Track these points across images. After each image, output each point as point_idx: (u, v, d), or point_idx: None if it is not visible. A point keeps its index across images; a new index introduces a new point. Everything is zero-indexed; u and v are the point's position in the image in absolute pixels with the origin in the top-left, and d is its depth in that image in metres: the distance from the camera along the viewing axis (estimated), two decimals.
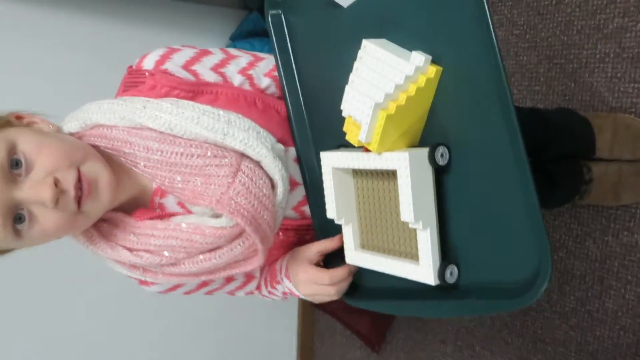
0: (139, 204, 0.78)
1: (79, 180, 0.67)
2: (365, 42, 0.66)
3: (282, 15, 0.82)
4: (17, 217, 0.65)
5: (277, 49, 0.82)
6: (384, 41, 0.67)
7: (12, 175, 0.64)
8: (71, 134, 0.75)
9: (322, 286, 0.80)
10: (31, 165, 0.65)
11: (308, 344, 2.44)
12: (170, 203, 0.79)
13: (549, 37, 1.47)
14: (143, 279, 0.79)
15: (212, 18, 1.96)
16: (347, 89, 0.66)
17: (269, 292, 0.91)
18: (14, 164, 0.64)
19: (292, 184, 0.82)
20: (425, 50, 0.64)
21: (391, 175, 0.68)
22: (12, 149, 0.64)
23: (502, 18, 1.56)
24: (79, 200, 0.67)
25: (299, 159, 0.84)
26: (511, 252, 0.63)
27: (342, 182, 0.73)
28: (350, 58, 0.68)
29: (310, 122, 0.82)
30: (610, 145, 1.26)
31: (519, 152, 0.59)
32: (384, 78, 0.63)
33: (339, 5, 0.72)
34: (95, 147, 0.73)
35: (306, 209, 0.86)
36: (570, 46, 1.43)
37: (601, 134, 1.26)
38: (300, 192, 0.85)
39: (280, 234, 0.85)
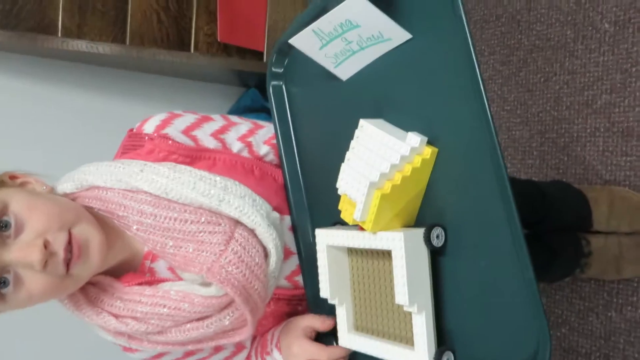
0: (128, 268, 0.76)
1: (69, 242, 0.66)
2: (362, 122, 0.67)
3: (284, 86, 0.83)
4: (2, 281, 0.63)
5: (277, 119, 0.83)
6: (381, 121, 0.68)
7: (1, 237, 0.63)
8: (65, 195, 0.74)
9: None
10: (21, 226, 0.64)
11: None
12: (161, 268, 0.77)
13: (539, 113, 1.51)
14: (127, 345, 0.76)
15: (210, 94, 2.01)
16: (343, 166, 0.66)
17: None
18: (3, 225, 0.64)
19: (287, 253, 0.81)
20: (421, 130, 0.64)
21: (386, 255, 0.67)
22: (3, 210, 0.64)
23: (493, 95, 1.61)
24: (67, 263, 0.66)
25: (294, 229, 0.83)
26: (509, 333, 0.61)
27: (337, 260, 0.72)
28: (349, 130, 0.68)
29: (306, 191, 0.82)
30: (607, 217, 1.26)
31: (515, 230, 0.58)
32: (379, 157, 0.63)
33: (338, 79, 0.73)
34: (89, 209, 0.73)
35: (299, 279, 0.84)
36: (560, 121, 1.46)
37: (597, 206, 1.27)
38: (294, 262, 0.83)
39: (272, 303, 0.82)
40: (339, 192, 0.66)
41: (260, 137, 0.84)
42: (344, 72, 0.72)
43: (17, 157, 0.88)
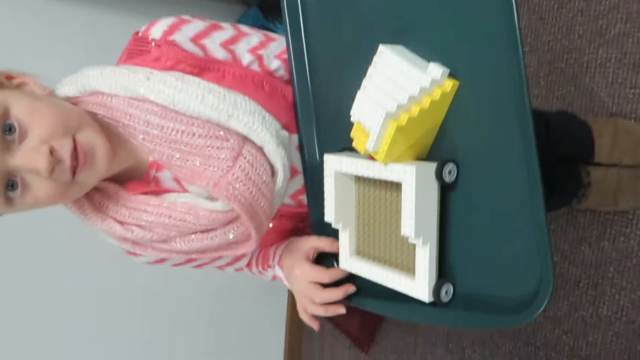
0: (133, 176, 0.75)
1: (75, 149, 0.64)
2: (381, 48, 0.64)
3: None
4: (9, 184, 0.63)
5: (289, 35, 0.79)
6: (400, 48, 0.65)
7: (5, 141, 0.61)
8: (67, 98, 0.72)
9: (316, 287, 0.78)
10: (25, 131, 0.62)
11: (296, 344, 2.42)
12: (165, 178, 0.76)
13: (550, 41, 1.47)
14: (133, 250, 0.77)
15: (209, 13, 1.93)
16: (359, 94, 0.64)
17: (259, 272, 0.90)
18: (7, 129, 0.62)
19: (293, 172, 0.80)
20: (443, 61, 0.61)
21: (395, 186, 0.66)
22: (4, 114, 0.62)
23: None
24: (73, 170, 0.65)
25: (301, 149, 0.82)
26: (512, 270, 0.62)
27: (344, 187, 0.71)
28: (365, 55, 0.65)
29: (316, 112, 0.80)
30: (609, 150, 1.26)
31: (533, 170, 0.57)
32: (397, 87, 0.61)
33: None
34: (92, 115, 0.71)
35: (304, 197, 0.84)
36: (571, 50, 1.43)
37: (600, 138, 1.26)
38: (299, 181, 0.83)
39: (276, 220, 0.83)
40: (352, 119, 0.65)
41: (271, 51, 0.80)
42: None
43: (11, 58, 0.84)
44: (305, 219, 0.85)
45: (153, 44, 0.73)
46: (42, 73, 0.73)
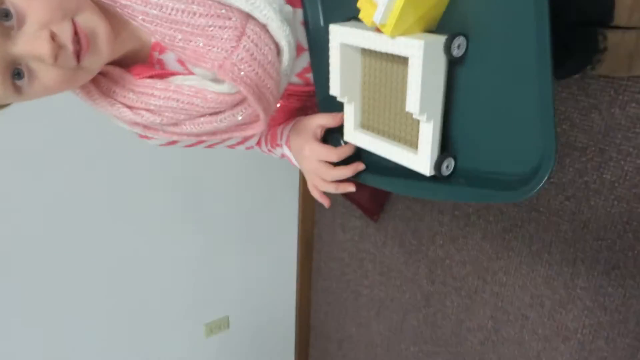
0: (136, 59, 0.74)
1: (76, 33, 0.62)
2: None
3: None
4: (16, 73, 0.62)
5: None
6: None
7: (4, 28, 0.60)
8: None
9: (326, 166, 0.80)
10: (22, 17, 0.60)
11: (309, 213, 2.53)
12: (169, 59, 0.75)
13: None
14: (144, 134, 0.79)
15: None
16: None
17: (268, 150, 0.92)
18: (3, 14, 0.59)
19: (299, 49, 0.78)
20: None
21: (402, 60, 0.65)
22: None
23: None
24: (77, 55, 0.63)
25: (305, 23, 0.79)
26: (514, 145, 0.62)
27: (349, 59, 0.70)
28: None
29: None
30: (630, 11, 1.19)
31: (544, 44, 0.55)
32: None
33: None
34: None
35: (310, 76, 0.83)
36: None
37: None
38: (305, 59, 0.81)
39: (283, 99, 0.83)
40: None
41: None
42: None
43: None
44: (312, 97, 0.85)
45: None
46: None
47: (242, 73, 0.68)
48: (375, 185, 0.79)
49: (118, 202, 1.92)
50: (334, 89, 0.72)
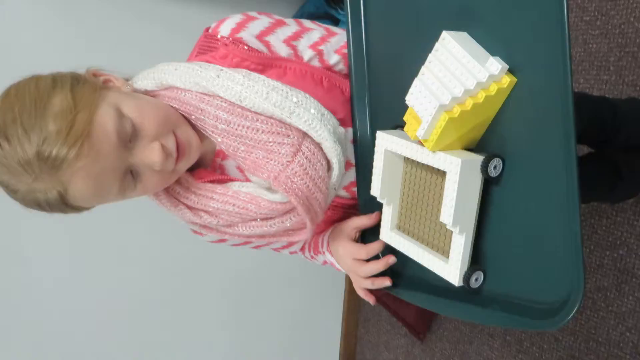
0: (200, 163, 0.82)
1: (176, 143, 0.73)
2: (445, 34, 0.64)
3: None
4: (127, 177, 0.70)
5: (350, 22, 0.81)
6: (464, 36, 0.65)
7: (124, 141, 0.68)
8: (146, 92, 0.78)
9: (359, 262, 0.82)
10: (137, 130, 0.69)
11: (352, 329, 2.45)
12: (230, 166, 0.82)
13: (621, 24, 1.40)
14: (200, 232, 0.85)
15: None
16: (416, 81, 0.65)
17: (311, 257, 0.95)
18: (124, 128, 0.68)
19: (347, 165, 0.83)
20: (504, 55, 0.61)
21: (441, 172, 0.68)
22: (120, 114, 0.68)
23: (571, 3, 1.50)
24: (175, 161, 0.73)
25: (354, 141, 0.84)
26: (543, 273, 0.62)
27: (392, 164, 0.73)
28: (424, 43, 0.66)
29: (370, 102, 0.82)
30: None
31: (572, 181, 0.58)
32: (454, 79, 0.61)
33: None
34: (175, 110, 0.77)
35: (356, 189, 0.87)
36: None
37: None
38: (353, 173, 0.86)
39: (329, 210, 0.86)
40: (407, 103, 0.66)
41: (331, 46, 0.84)
42: None
43: (88, 56, 0.90)
44: (357, 210, 0.88)
45: (221, 42, 0.78)
46: (120, 66, 0.79)
47: (295, 185, 0.74)
48: (405, 299, 0.81)
49: (164, 297, 1.95)
50: (375, 190, 0.75)
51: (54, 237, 1.73)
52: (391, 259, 0.79)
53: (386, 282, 0.81)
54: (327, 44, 0.83)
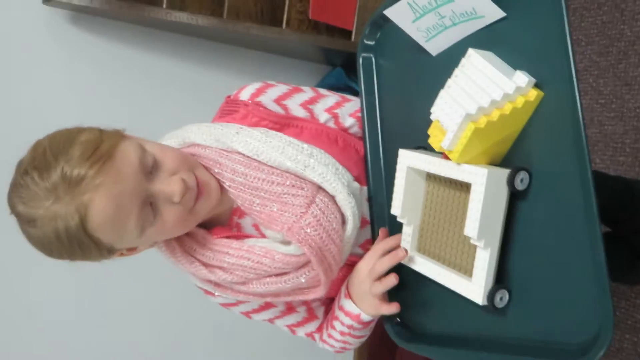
0: (218, 222, 0.83)
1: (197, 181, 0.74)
2: (471, 51, 0.65)
3: (373, 59, 0.85)
4: (147, 206, 0.70)
5: (363, 90, 0.85)
6: (490, 54, 0.66)
7: (146, 172, 0.70)
8: None
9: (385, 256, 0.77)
10: (158, 164, 0.72)
11: None
12: (246, 224, 0.83)
13: (637, 108, 1.43)
14: (213, 291, 0.83)
15: (296, 70, 2.06)
16: (442, 93, 0.66)
17: (328, 335, 0.89)
18: (146, 161, 0.71)
19: (363, 223, 0.84)
20: (531, 71, 0.62)
21: (465, 187, 0.67)
22: (143, 150, 0.71)
23: (587, 86, 1.54)
24: (195, 198, 0.74)
25: (369, 199, 0.85)
26: (570, 304, 0.60)
27: (414, 183, 0.73)
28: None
29: (385, 165, 0.84)
30: None
31: (591, 214, 0.57)
32: (481, 91, 0.62)
33: (428, 54, 0.74)
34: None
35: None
36: None
37: None
38: (368, 231, 0.86)
39: (345, 269, 0.85)
40: (432, 117, 0.66)
41: (346, 110, 0.88)
42: (435, 47, 0.73)
43: (116, 119, 0.95)
44: None
45: (242, 104, 0.82)
46: (141, 129, 0.82)
47: (308, 237, 0.74)
48: (424, 354, 0.77)
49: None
50: (396, 209, 0.74)
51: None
52: (400, 252, 0.75)
53: (392, 279, 0.76)
54: (342, 108, 0.87)
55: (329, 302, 0.91)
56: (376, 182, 0.85)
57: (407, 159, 0.72)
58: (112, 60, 1.79)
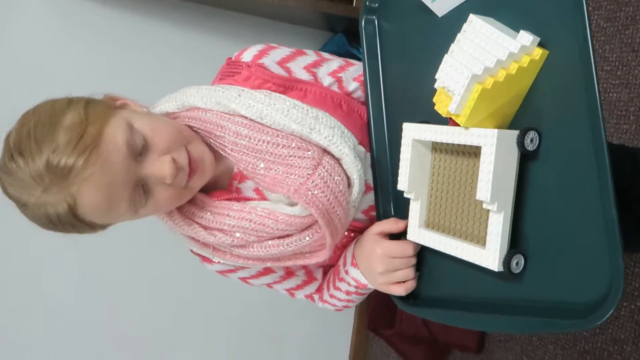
0: (217, 186, 0.81)
1: (189, 159, 0.72)
2: (472, 17, 0.64)
3: (376, 22, 0.83)
4: (139, 191, 0.70)
5: (366, 54, 0.83)
6: (491, 19, 0.65)
7: (134, 155, 0.68)
8: (167, 114, 0.80)
9: (403, 259, 0.77)
10: (148, 144, 0.70)
11: None
12: (247, 188, 0.81)
13: None
14: (211, 257, 0.82)
15: (297, 37, 2.03)
16: (446, 57, 0.64)
17: (330, 296, 0.89)
18: (135, 142, 0.69)
19: (367, 188, 0.83)
20: (534, 31, 0.61)
21: (473, 154, 0.66)
22: (131, 129, 0.69)
23: None
24: (188, 177, 0.72)
25: (372, 164, 0.84)
26: (583, 262, 0.60)
27: (420, 157, 0.72)
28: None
29: (388, 128, 0.83)
30: None
31: (604, 173, 0.56)
32: (486, 52, 0.61)
33: (433, 16, 0.72)
34: (189, 128, 0.78)
35: (375, 213, 0.86)
36: None
37: None
38: (372, 197, 0.85)
39: (348, 234, 0.85)
40: (436, 84, 0.65)
41: (350, 74, 0.86)
42: (441, 7, 0.71)
43: (114, 84, 0.93)
44: None
45: (244, 66, 0.79)
46: (140, 96, 0.81)
47: (315, 198, 0.73)
48: (432, 319, 0.78)
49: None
50: (402, 184, 0.73)
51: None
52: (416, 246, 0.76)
53: (412, 283, 0.78)
54: (345, 72, 0.85)
55: (327, 265, 0.91)
56: (379, 147, 0.84)
57: (412, 132, 0.71)
58: (110, 26, 1.77)
